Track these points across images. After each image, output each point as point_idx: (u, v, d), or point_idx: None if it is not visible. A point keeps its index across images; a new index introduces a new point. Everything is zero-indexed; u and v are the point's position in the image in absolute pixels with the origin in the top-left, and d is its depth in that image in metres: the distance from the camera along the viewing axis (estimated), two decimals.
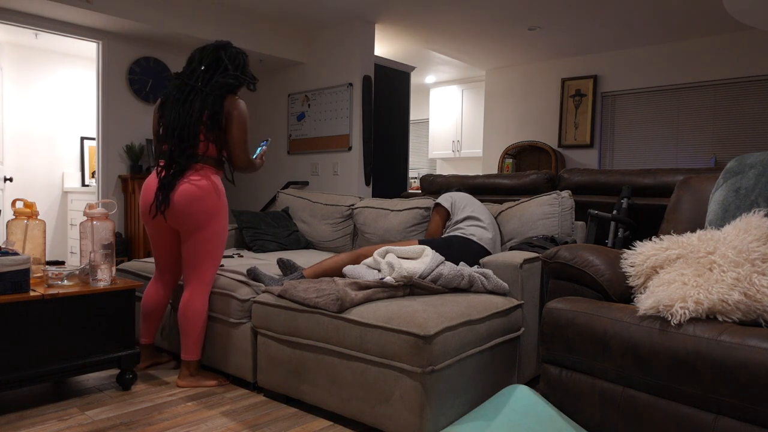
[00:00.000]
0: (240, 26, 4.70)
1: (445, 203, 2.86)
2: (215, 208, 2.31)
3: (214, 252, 2.36)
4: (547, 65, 6.21)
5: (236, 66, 2.35)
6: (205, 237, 2.31)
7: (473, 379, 1.99)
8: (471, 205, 2.82)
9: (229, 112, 2.28)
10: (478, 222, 2.72)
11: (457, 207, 2.83)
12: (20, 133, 5.34)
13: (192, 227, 2.29)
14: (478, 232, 2.67)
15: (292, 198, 3.93)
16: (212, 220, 2.31)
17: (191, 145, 2.26)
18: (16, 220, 2.38)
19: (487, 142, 6.71)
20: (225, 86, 2.28)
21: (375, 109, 5.07)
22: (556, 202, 2.71)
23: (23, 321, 2.04)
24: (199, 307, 2.36)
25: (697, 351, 1.42)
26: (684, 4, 4.37)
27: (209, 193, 2.28)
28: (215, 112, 2.25)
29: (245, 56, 2.41)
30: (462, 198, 2.87)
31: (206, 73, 2.30)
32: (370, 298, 2.02)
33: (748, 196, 1.91)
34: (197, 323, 2.36)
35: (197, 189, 2.26)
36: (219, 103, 2.26)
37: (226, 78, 2.30)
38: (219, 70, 2.32)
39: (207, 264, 2.35)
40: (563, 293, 1.94)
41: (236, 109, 2.29)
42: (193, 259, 2.34)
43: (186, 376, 2.39)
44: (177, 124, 2.26)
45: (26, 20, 3.92)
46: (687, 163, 5.37)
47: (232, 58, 2.34)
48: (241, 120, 2.29)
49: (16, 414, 2.08)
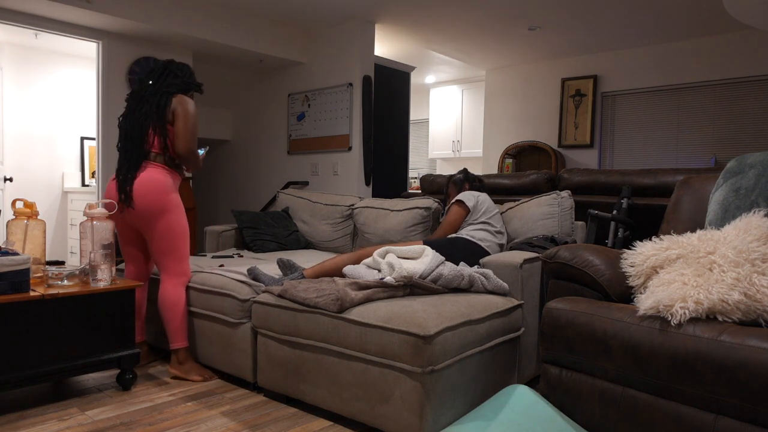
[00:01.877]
0: (240, 26, 4.70)
1: (468, 202, 2.81)
2: (166, 203, 2.48)
3: (176, 247, 2.52)
4: (547, 65, 6.21)
5: (183, 74, 2.61)
6: (161, 233, 2.48)
7: (473, 379, 1.99)
8: (490, 212, 2.81)
9: (176, 108, 2.49)
10: (490, 227, 2.74)
11: (478, 209, 2.80)
12: (20, 133, 5.34)
13: (147, 222, 2.47)
14: (487, 237, 2.69)
15: (292, 198, 3.93)
16: (165, 214, 2.48)
17: (141, 144, 2.49)
18: (16, 220, 2.38)
19: (487, 142, 6.71)
20: (173, 86, 2.54)
21: (375, 109, 5.07)
22: (556, 202, 2.71)
23: (23, 321, 2.04)
24: (174, 297, 2.50)
25: (697, 351, 1.42)
26: (684, 4, 4.37)
27: (158, 189, 2.46)
28: (161, 106, 2.48)
29: (189, 67, 2.68)
30: (484, 201, 2.84)
31: (155, 84, 2.55)
32: (370, 298, 2.02)
33: (748, 196, 1.91)
34: (175, 312, 2.50)
35: (147, 185, 2.45)
36: (165, 99, 2.49)
37: (175, 80, 2.57)
38: (168, 78, 2.57)
39: (170, 258, 2.52)
40: (563, 293, 1.94)
41: (182, 105, 2.50)
42: (157, 256, 2.53)
43: (175, 364, 2.52)
44: (130, 130, 2.52)
45: (26, 20, 3.92)
46: (687, 163, 5.37)
47: (178, 68, 2.61)
48: (186, 115, 2.49)
49: (16, 414, 2.08)
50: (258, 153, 5.78)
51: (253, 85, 5.82)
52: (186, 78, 2.60)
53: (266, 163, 5.69)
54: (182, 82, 2.57)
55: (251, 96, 5.85)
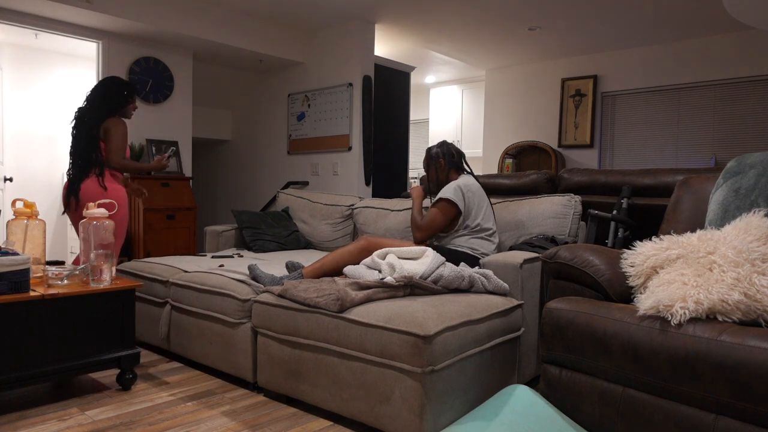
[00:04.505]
0: (240, 26, 4.70)
1: (459, 202, 2.57)
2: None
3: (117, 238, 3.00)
4: (547, 65, 6.21)
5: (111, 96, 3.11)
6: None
7: (473, 379, 1.99)
8: (481, 207, 2.61)
9: (108, 128, 3.04)
10: (485, 233, 2.61)
11: (468, 209, 2.59)
12: (20, 133, 5.34)
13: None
14: (485, 246, 2.59)
15: (292, 198, 3.93)
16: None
17: (82, 157, 3.04)
18: (16, 220, 2.38)
19: (487, 142, 6.71)
20: (102, 110, 3.08)
21: (375, 109, 5.07)
22: (571, 205, 2.69)
23: (23, 321, 2.04)
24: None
25: (697, 351, 1.42)
26: (684, 4, 4.37)
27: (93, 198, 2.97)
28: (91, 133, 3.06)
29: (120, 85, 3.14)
30: (473, 197, 2.60)
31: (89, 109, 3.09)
32: (370, 298, 2.02)
33: (748, 196, 1.91)
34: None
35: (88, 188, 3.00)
36: (96, 126, 3.06)
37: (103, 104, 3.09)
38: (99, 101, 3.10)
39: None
40: (563, 293, 1.94)
41: (113, 126, 3.05)
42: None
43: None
44: (74, 145, 3.08)
45: (26, 20, 3.92)
46: (687, 163, 5.37)
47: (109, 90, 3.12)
48: (115, 134, 3.05)
49: (16, 414, 2.08)
50: (258, 153, 5.78)
51: (253, 85, 5.82)
52: (113, 103, 3.10)
53: (266, 163, 5.69)
54: (109, 109, 3.08)
55: (251, 96, 5.85)
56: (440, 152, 2.77)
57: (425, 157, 2.83)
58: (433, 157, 2.78)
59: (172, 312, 2.71)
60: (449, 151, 2.77)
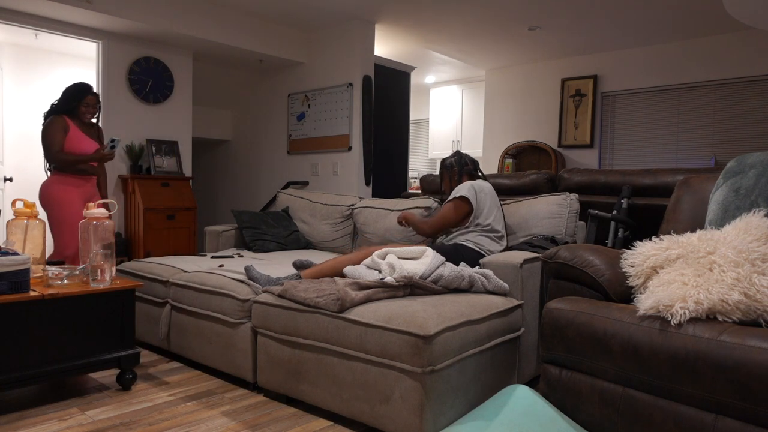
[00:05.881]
0: (240, 26, 4.70)
1: (472, 199, 2.63)
2: (47, 201, 3.28)
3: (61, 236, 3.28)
4: (547, 65, 6.21)
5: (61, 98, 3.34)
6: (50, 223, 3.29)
7: (473, 379, 1.99)
8: (492, 211, 2.65)
9: (44, 127, 3.29)
10: (494, 234, 2.63)
11: (479, 208, 2.63)
12: (20, 133, 5.34)
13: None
14: (491, 246, 2.61)
15: (292, 198, 3.93)
16: (48, 210, 3.28)
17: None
18: (16, 220, 2.38)
19: (487, 142, 6.71)
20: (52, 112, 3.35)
21: (375, 109, 5.07)
22: (566, 203, 2.70)
23: (23, 321, 2.04)
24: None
25: (697, 351, 1.42)
26: (684, 4, 4.37)
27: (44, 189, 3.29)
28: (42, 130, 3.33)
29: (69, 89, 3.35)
30: (485, 197, 2.65)
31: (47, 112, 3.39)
32: (370, 298, 2.02)
33: (748, 196, 1.91)
34: None
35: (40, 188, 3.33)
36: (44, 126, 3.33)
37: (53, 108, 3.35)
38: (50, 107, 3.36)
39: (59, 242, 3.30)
40: (563, 293, 1.94)
41: (48, 124, 3.29)
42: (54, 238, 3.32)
43: None
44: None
45: (26, 20, 3.92)
46: (687, 163, 5.37)
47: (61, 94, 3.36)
48: (48, 131, 3.26)
49: (16, 414, 2.08)
50: (258, 153, 5.78)
51: (253, 85, 5.82)
52: (61, 105, 3.32)
53: (266, 163, 5.69)
54: (58, 112, 3.32)
55: (251, 96, 5.85)
56: (454, 161, 2.89)
57: (440, 167, 2.94)
58: (447, 166, 2.91)
59: (172, 312, 2.71)
60: (463, 160, 2.89)
